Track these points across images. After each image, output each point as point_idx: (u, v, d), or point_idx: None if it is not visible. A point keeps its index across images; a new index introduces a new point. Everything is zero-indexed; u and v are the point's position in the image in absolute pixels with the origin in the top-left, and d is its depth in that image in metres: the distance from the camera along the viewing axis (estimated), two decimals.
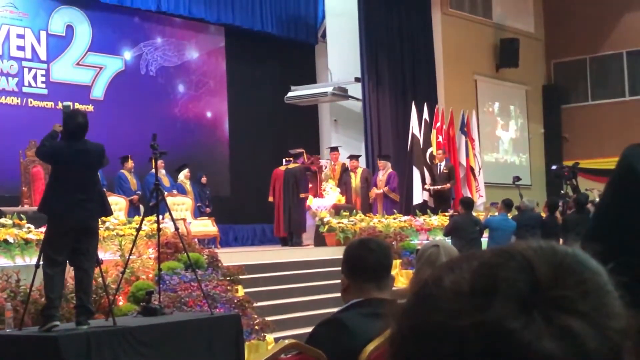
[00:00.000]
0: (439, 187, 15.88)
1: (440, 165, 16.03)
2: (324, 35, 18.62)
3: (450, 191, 16.05)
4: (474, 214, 13.49)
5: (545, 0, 21.83)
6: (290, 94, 17.34)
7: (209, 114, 17.45)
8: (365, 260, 2.94)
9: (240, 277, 10.02)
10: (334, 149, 16.38)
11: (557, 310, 0.69)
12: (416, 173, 16.13)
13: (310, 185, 14.84)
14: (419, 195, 16.02)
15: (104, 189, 8.55)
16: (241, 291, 9.78)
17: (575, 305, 0.69)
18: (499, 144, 20.38)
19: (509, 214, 13.20)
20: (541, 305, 0.68)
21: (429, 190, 16.00)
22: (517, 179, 15.65)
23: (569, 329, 0.68)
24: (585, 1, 20.77)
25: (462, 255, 0.76)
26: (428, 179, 16.08)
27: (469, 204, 12.98)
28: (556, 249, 0.74)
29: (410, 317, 0.73)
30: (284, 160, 14.68)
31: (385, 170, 15.63)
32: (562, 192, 16.98)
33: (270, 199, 14.45)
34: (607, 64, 20.99)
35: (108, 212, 7.35)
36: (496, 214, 13.61)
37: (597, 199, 14.69)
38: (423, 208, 15.69)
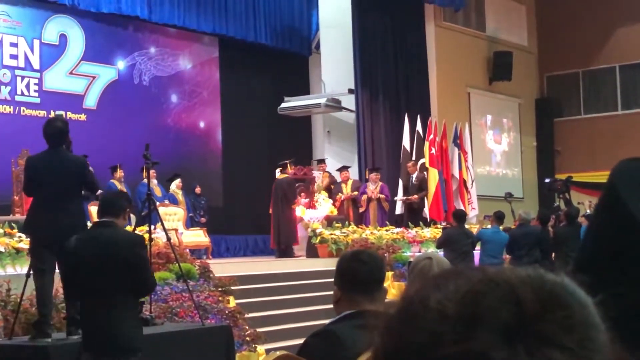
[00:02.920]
0: (410, 198, 15.93)
1: (412, 177, 16.07)
2: (317, 47, 18.66)
3: (422, 203, 16.07)
4: (467, 226, 13.50)
5: (538, 14, 21.92)
6: (283, 104, 17.35)
7: (202, 124, 17.44)
8: (358, 272, 2.93)
9: (232, 288, 9.99)
10: (321, 161, 16.41)
11: (542, 344, 0.68)
12: (401, 184, 16.25)
13: (303, 197, 14.83)
14: (399, 207, 16.16)
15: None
16: (232, 302, 9.76)
17: (560, 339, 0.68)
18: (491, 156, 20.41)
19: (500, 227, 13.20)
20: (525, 338, 0.68)
21: (401, 201, 16.09)
22: (510, 195, 15.67)
23: None
24: (578, 15, 20.86)
25: (450, 272, 0.75)
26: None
27: (461, 216, 12.98)
28: (544, 279, 0.73)
29: (394, 335, 0.73)
30: (277, 171, 14.68)
31: (376, 182, 15.64)
32: (555, 205, 17.00)
33: (270, 211, 14.46)
34: (600, 77, 21.07)
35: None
36: (489, 226, 13.61)
37: (589, 212, 14.73)
38: (402, 220, 15.74)
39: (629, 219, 0.98)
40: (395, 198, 16.17)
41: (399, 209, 16.21)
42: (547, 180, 19.85)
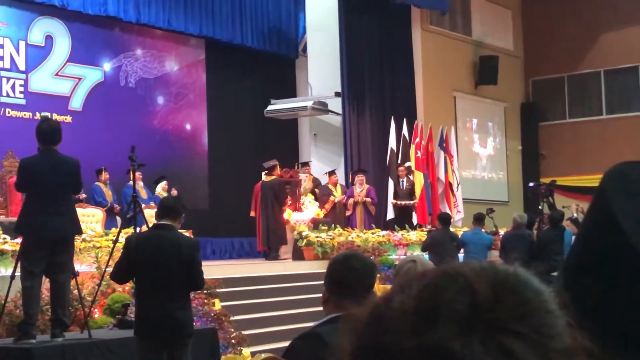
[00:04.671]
0: (403, 203, 15.99)
1: (403, 181, 16.12)
2: (304, 50, 18.67)
3: (412, 208, 16.15)
4: (452, 229, 13.54)
5: (524, 19, 22.03)
6: (270, 107, 17.34)
7: (188, 127, 17.42)
8: (348, 277, 2.93)
9: (218, 290, 9.98)
10: (305, 164, 16.43)
11: (497, 332, 0.70)
12: (391, 187, 16.27)
13: (289, 199, 14.83)
14: (390, 210, 16.19)
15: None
16: (218, 305, 9.74)
17: (515, 326, 0.70)
18: (477, 160, 20.48)
19: (482, 228, 13.24)
20: (481, 327, 0.70)
21: (393, 205, 16.13)
22: (491, 210, 15.67)
23: (508, 350, 0.69)
24: (564, 20, 20.97)
25: (415, 275, 0.77)
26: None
27: (446, 219, 13.03)
28: (497, 270, 0.75)
29: (361, 338, 0.75)
30: (262, 174, 14.67)
31: (362, 185, 15.67)
32: (540, 208, 17.06)
33: (252, 213, 14.44)
34: (585, 82, 21.19)
35: (79, 230, 7.27)
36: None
37: (575, 215, 14.80)
38: (391, 223, 15.77)
39: (615, 226, 0.98)
40: (390, 202, 16.20)
41: (390, 214, 16.21)
42: (531, 184, 19.95)
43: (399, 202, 16.05)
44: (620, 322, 0.99)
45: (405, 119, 16.84)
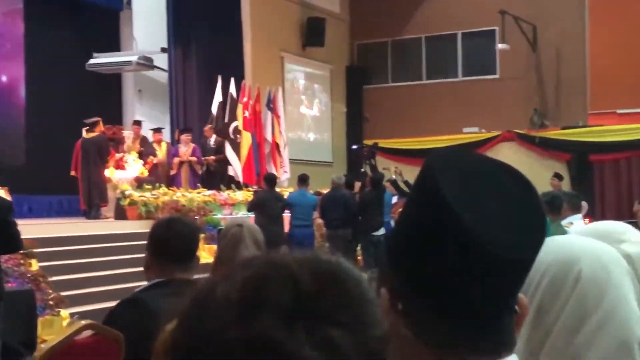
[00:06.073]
0: (207, 159, 15.83)
1: (209, 140, 16.07)
2: (129, 2, 18.09)
3: (221, 167, 16.04)
4: (278, 190, 13.69)
5: None
6: (92, 61, 16.75)
7: (3, 78, 16.50)
8: (171, 241, 2.90)
9: (34, 250, 9.61)
10: (137, 123, 16.04)
11: (320, 321, 0.72)
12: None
13: (111, 156, 14.44)
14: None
15: None
16: (35, 265, 9.40)
17: (336, 315, 0.73)
18: (303, 121, 20.73)
19: (307, 189, 13.46)
20: (304, 316, 0.72)
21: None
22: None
23: (329, 338, 0.72)
24: None
25: (239, 263, 0.78)
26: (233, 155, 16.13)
27: (272, 180, 13.16)
28: (320, 260, 0.77)
29: (185, 326, 0.75)
30: (83, 130, 14.19)
31: (187, 144, 15.49)
32: (362, 170, 17.57)
33: (72, 172, 13.95)
34: (407, 47, 21.84)
35: None
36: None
37: (394, 177, 15.34)
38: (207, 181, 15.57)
39: (440, 202, 1.01)
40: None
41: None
42: (354, 147, 20.49)
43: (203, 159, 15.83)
44: (449, 290, 1.03)
45: (233, 78, 16.74)
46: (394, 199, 14.27)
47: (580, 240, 1.41)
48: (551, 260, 1.34)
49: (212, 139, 16.06)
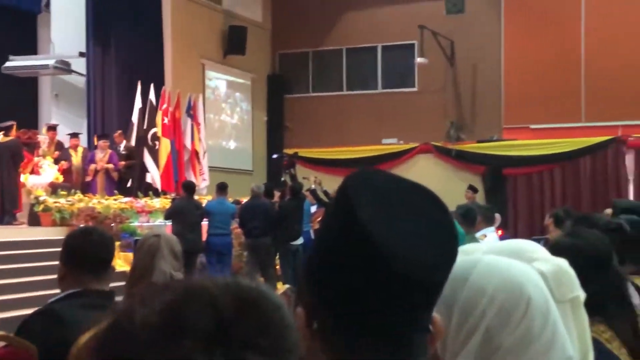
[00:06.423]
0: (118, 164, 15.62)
1: (119, 147, 15.89)
2: (47, 5, 17.74)
3: (130, 173, 15.86)
4: (197, 197, 13.62)
5: None
6: (8, 64, 16.37)
7: None
8: (85, 251, 2.89)
9: None
10: (52, 128, 15.72)
11: (239, 346, 0.73)
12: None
13: (26, 162, 14.12)
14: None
15: None
16: None
17: (255, 340, 0.74)
18: (224, 129, 20.66)
19: (226, 197, 13.41)
20: (225, 342, 0.73)
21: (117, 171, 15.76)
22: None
23: None
24: None
25: (156, 287, 0.78)
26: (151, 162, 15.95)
27: (190, 187, 13.06)
28: (240, 285, 0.79)
29: (104, 352, 0.75)
30: None
31: (105, 150, 15.27)
32: (282, 179, 17.62)
33: None
34: (328, 58, 22.00)
35: None
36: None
37: (313, 186, 15.44)
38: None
39: (354, 221, 1.04)
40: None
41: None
42: (274, 156, 20.53)
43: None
44: (360, 309, 1.05)
45: (152, 84, 16.57)
46: (313, 209, 14.36)
47: (513, 262, 1.38)
48: (497, 284, 1.32)
49: (122, 145, 15.87)
